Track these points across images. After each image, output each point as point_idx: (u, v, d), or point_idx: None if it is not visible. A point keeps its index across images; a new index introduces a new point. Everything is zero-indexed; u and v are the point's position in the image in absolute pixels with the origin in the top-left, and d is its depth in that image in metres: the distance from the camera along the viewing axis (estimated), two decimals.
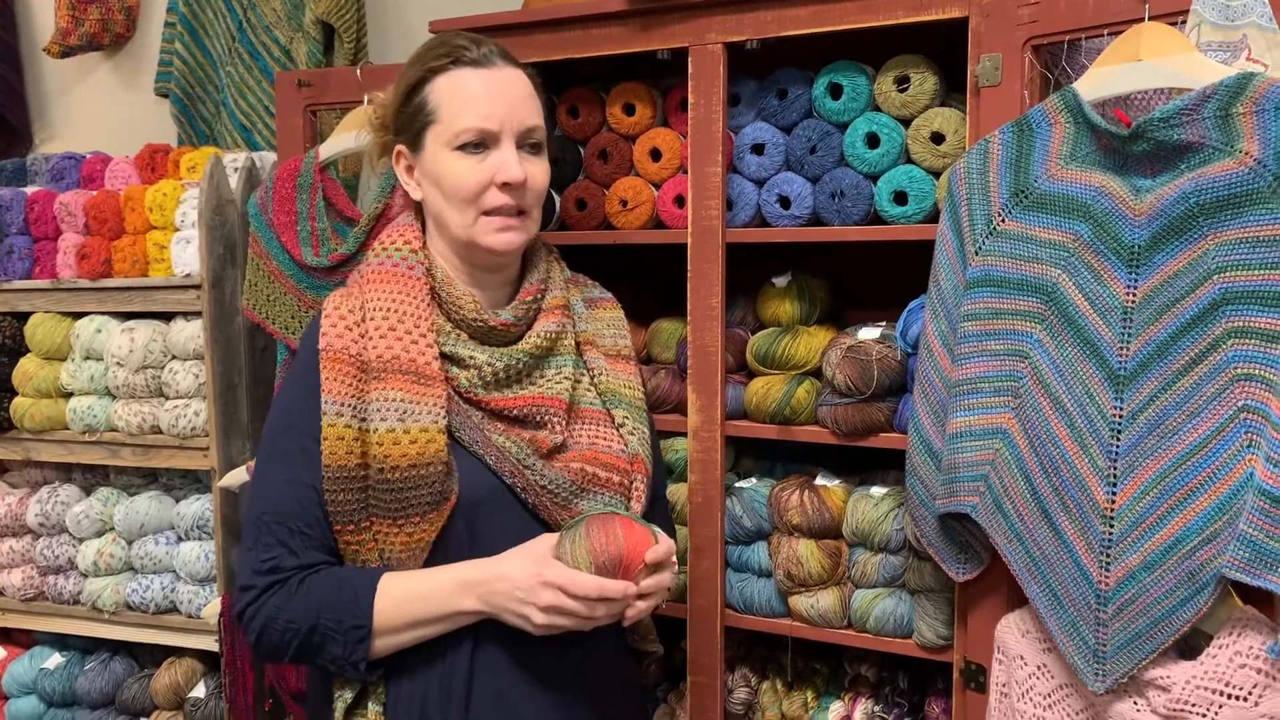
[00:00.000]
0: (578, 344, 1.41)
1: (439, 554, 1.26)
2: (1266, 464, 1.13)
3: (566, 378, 1.35)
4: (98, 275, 2.24)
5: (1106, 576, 1.26)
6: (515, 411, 1.30)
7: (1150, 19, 1.29)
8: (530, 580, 1.18)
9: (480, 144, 1.29)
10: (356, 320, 1.27)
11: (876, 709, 1.72)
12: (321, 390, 1.23)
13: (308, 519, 1.23)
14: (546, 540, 1.23)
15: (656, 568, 1.22)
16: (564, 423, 1.33)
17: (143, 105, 2.76)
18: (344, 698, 1.27)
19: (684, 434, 1.74)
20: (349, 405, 1.22)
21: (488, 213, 1.29)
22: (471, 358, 1.29)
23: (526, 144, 1.31)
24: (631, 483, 1.35)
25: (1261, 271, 1.16)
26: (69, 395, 2.30)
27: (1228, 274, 1.18)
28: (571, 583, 1.17)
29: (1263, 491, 1.13)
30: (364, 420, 1.23)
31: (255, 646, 1.26)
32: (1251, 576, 1.14)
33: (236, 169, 2.19)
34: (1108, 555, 1.26)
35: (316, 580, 1.23)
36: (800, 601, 1.68)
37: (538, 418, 1.31)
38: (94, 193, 2.27)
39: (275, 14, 2.49)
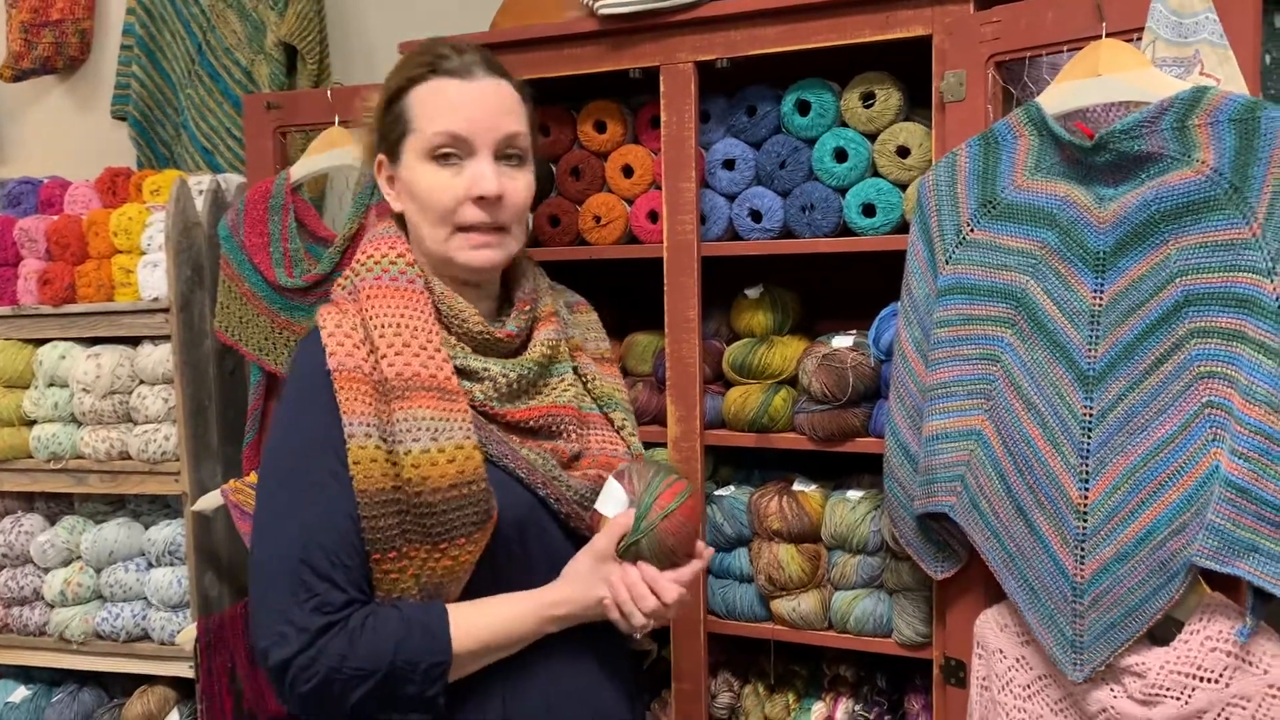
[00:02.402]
0: (570, 351, 1.40)
1: (481, 574, 1.22)
2: (1231, 456, 1.19)
3: (571, 385, 1.35)
4: (61, 301, 2.21)
5: (1082, 569, 1.31)
6: (532, 423, 1.27)
7: (1108, 36, 1.35)
8: (622, 583, 1.21)
9: (455, 154, 1.25)
10: (362, 338, 1.21)
11: (858, 708, 1.76)
12: (343, 412, 1.15)
13: (348, 550, 1.15)
14: (586, 556, 1.25)
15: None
16: (579, 431, 1.32)
17: (99, 128, 2.73)
18: None
19: (664, 444, 1.77)
20: (375, 426, 1.16)
21: (463, 229, 1.26)
22: (485, 370, 1.25)
23: (506, 155, 1.27)
24: None
25: (1221, 274, 1.22)
26: (32, 423, 2.26)
27: (1189, 277, 1.24)
28: (657, 585, 1.21)
29: (1228, 483, 1.19)
30: (391, 442, 1.16)
31: (308, 697, 1.13)
32: (1220, 564, 1.20)
33: (201, 191, 2.18)
34: (1082, 549, 1.31)
35: (376, 619, 1.15)
36: (782, 605, 1.72)
37: (553, 427, 1.29)
38: (55, 217, 2.24)
39: (236, 36, 2.49)
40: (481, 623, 1.19)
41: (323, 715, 1.18)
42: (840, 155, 1.67)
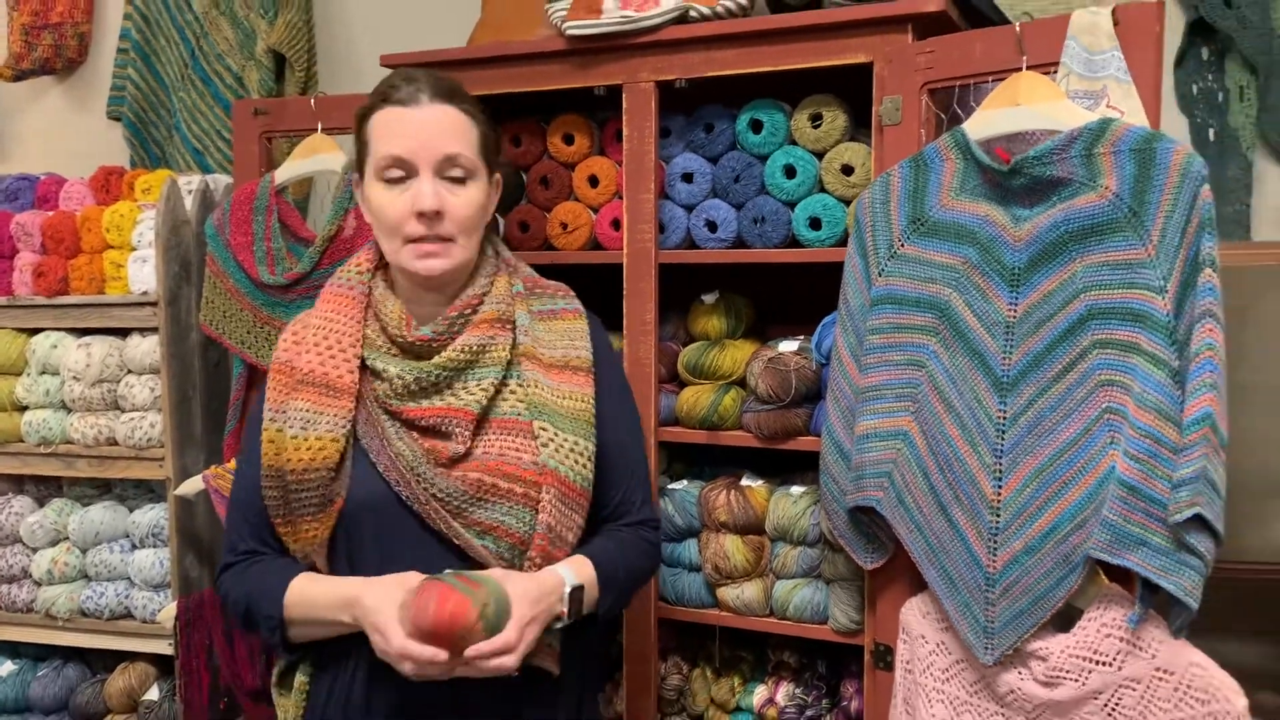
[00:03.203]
0: (518, 357, 1.42)
1: (335, 552, 1.39)
2: (1124, 457, 1.30)
3: (484, 390, 1.37)
4: (54, 293, 2.31)
5: (994, 560, 1.42)
6: (424, 421, 1.36)
7: (1028, 68, 1.46)
8: (372, 618, 1.26)
9: (401, 175, 1.35)
10: (300, 337, 1.41)
11: (797, 691, 1.87)
12: (266, 398, 1.39)
13: (254, 511, 1.40)
14: (407, 576, 1.29)
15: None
16: (469, 433, 1.36)
17: (94, 128, 2.83)
18: (279, 665, 1.45)
19: None
20: (280, 412, 1.37)
21: (410, 240, 1.36)
22: (385, 370, 1.37)
23: (448, 175, 1.36)
24: (539, 493, 1.35)
25: (1120, 290, 1.33)
26: (23, 409, 2.36)
27: (1092, 293, 1.35)
28: (388, 634, 1.23)
29: (1121, 481, 1.29)
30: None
31: (225, 612, 1.43)
32: (1113, 556, 1.30)
33: (191, 191, 2.28)
34: (995, 542, 1.42)
35: (257, 567, 1.40)
36: (727, 593, 1.82)
37: (443, 428, 1.35)
38: (50, 213, 2.34)
39: (227, 43, 2.59)
40: (307, 593, 1.36)
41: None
42: (790, 171, 1.78)
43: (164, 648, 2.27)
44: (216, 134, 2.61)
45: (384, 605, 1.26)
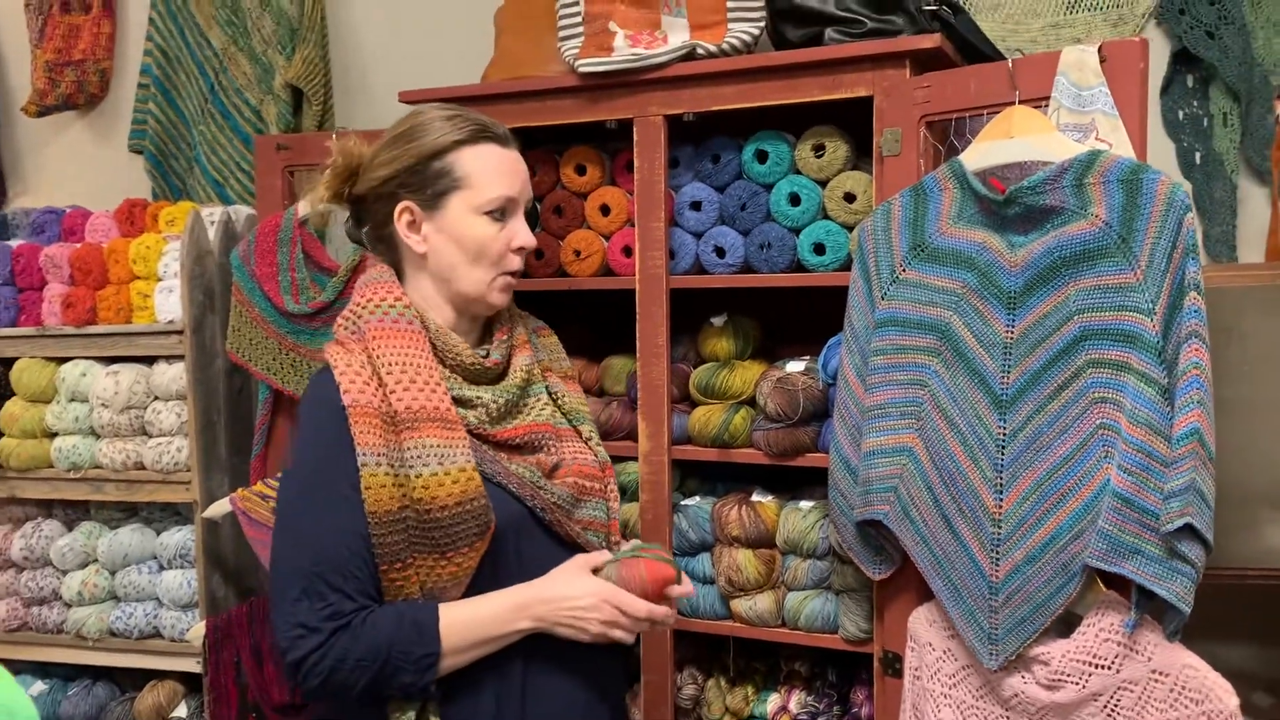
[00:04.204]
0: (541, 372, 1.57)
1: (481, 576, 1.38)
2: (1119, 471, 1.37)
3: (546, 404, 1.51)
4: (83, 323, 2.39)
5: (997, 570, 1.49)
6: (517, 440, 1.44)
7: (1020, 103, 1.54)
8: (592, 599, 1.36)
9: (503, 211, 1.45)
10: (370, 375, 1.35)
11: (809, 699, 1.93)
12: (357, 444, 1.30)
13: (357, 564, 1.31)
14: (578, 561, 1.41)
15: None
16: (555, 444, 1.49)
17: (115, 161, 2.90)
18: (407, 714, 1.34)
19: (635, 458, 1.95)
20: (385, 455, 1.31)
21: (505, 273, 1.46)
22: (479, 398, 1.41)
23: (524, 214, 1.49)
24: (606, 486, 1.54)
25: (1112, 313, 1.41)
26: (53, 435, 2.43)
27: (1085, 315, 1.43)
28: (629, 604, 1.37)
29: (1115, 494, 1.36)
30: (400, 467, 1.32)
31: (321, 686, 1.30)
32: (1108, 564, 1.37)
33: (213, 222, 2.36)
34: (997, 552, 1.49)
35: (376, 618, 1.31)
36: (740, 604, 1.89)
37: (535, 443, 1.46)
38: (78, 245, 2.42)
39: (246, 78, 2.68)
40: (465, 617, 1.35)
41: (334, 701, 1.38)
42: (794, 199, 1.85)
43: (192, 665, 2.33)
44: (236, 166, 2.69)
45: (596, 586, 1.37)
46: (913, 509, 1.59)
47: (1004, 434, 1.49)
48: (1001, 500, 1.48)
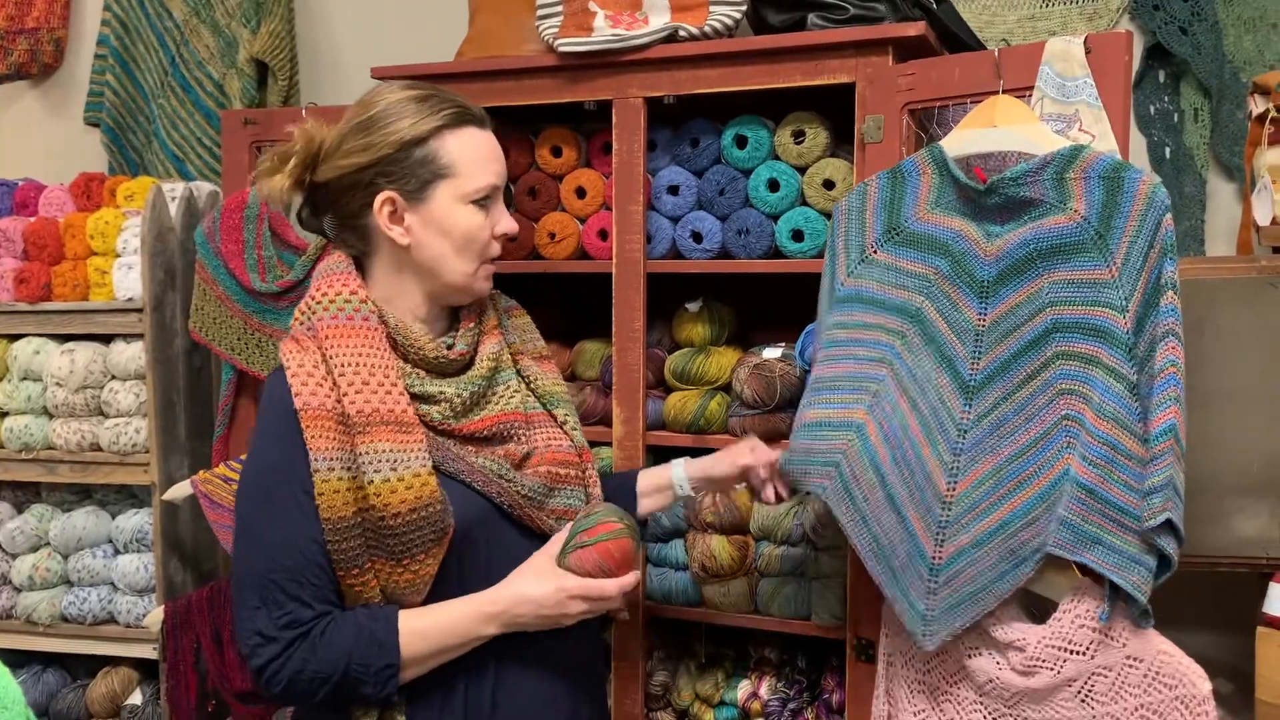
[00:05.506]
0: (512, 356, 1.50)
1: (447, 576, 1.34)
2: (1082, 462, 1.37)
3: (516, 391, 1.45)
4: (37, 299, 2.32)
5: (940, 552, 1.47)
6: (485, 432, 1.38)
7: (1004, 92, 1.54)
8: (557, 596, 1.31)
9: (488, 198, 1.39)
10: (324, 375, 1.30)
11: (780, 685, 1.94)
12: (310, 449, 1.26)
13: (314, 570, 1.27)
14: (541, 557, 1.35)
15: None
16: (525, 432, 1.43)
17: (71, 133, 2.83)
18: (370, 714, 1.32)
19: (609, 443, 1.93)
20: (338, 459, 1.26)
21: (488, 261, 1.41)
22: (441, 393, 1.35)
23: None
24: (584, 472, 1.49)
25: (1083, 307, 1.41)
26: (4, 415, 2.36)
27: (1057, 308, 1.42)
28: (597, 589, 1.32)
29: (1079, 484, 1.36)
30: (355, 472, 1.27)
31: (282, 695, 1.28)
32: (1071, 554, 1.37)
33: (174, 198, 2.30)
34: (943, 535, 1.47)
35: (335, 629, 1.28)
36: (713, 591, 1.89)
37: (504, 433, 1.41)
38: (32, 219, 2.35)
39: (209, 50, 2.61)
40: (427, 626, 1.31)
41: (299, 706, 1.38)
42: (773, 185, 1.85)
43: (148, 652, 2.29)
44: (197, 141, 2.62)
45: (556, 581, 1.32)
46: (855, 486, 1.55)
47: (967, 419, 1.48)
48: (955, 484, 1.47)
